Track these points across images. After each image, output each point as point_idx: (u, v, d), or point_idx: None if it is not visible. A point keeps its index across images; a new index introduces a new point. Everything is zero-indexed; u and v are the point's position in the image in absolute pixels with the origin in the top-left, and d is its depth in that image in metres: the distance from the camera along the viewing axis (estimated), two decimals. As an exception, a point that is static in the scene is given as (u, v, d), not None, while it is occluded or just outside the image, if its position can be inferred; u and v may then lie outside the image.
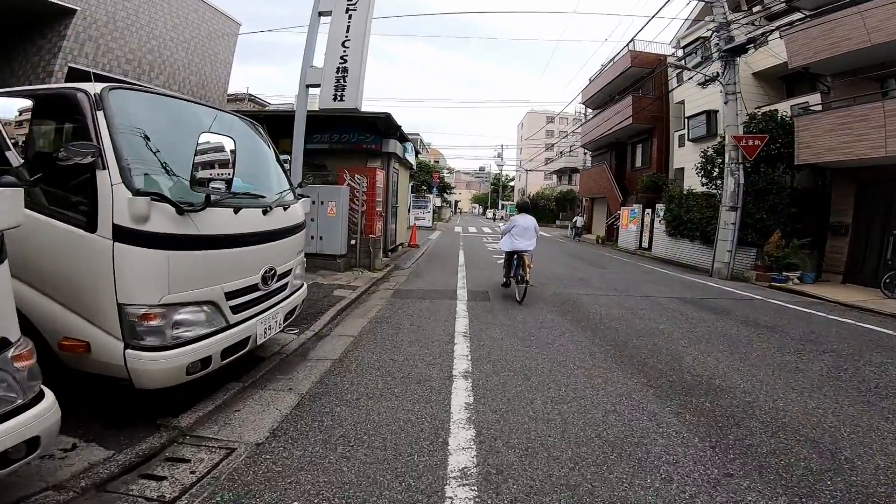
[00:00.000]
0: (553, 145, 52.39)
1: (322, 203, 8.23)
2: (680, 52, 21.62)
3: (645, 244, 17.73)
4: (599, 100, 28.03)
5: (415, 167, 14.14)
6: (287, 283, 3.50)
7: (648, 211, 17.54)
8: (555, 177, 56.12)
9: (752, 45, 11.39)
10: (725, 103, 11.54)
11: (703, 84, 12.68)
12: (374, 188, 8.90)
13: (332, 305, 5.74)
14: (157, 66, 7.81)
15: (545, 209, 45.43)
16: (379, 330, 4.99)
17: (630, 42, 22.55)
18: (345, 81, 7.31)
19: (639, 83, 21.88)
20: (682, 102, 19.16)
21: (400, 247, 12.97)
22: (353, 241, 8.62)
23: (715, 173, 13.32)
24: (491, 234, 24.07)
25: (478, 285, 7.93)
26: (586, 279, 9.47)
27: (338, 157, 10.19)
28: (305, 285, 4.09)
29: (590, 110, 36.06)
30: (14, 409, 1.61)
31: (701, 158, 13.63)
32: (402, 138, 11.54)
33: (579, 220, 25.94)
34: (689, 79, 14.29)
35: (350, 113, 8.10)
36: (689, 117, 17.38)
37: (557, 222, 42.17)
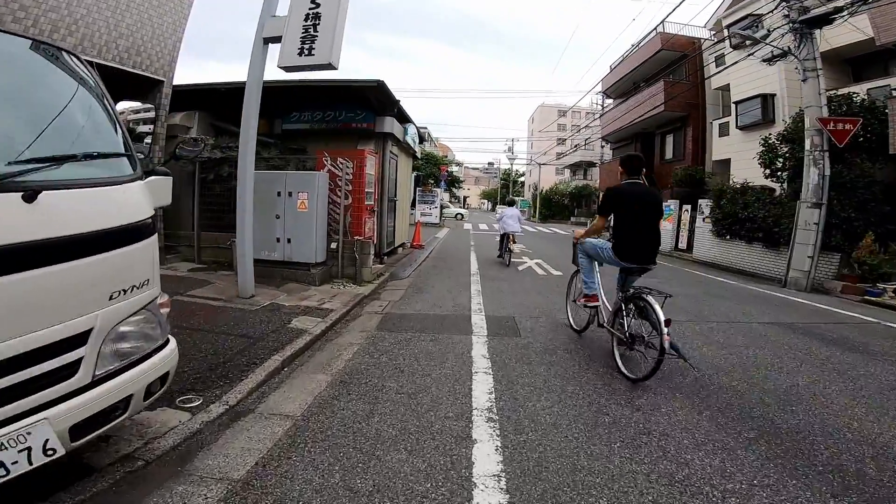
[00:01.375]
0: (565, 140, 50.06)
1: (290, 195, 6.20)
2: (714, 34, 19.36)
3: (682, 244, 15.52)
4: (622, 88, 25.75)
5: (419, 154, 12.07)
6: (78, 363, 1.47)
7: (687, 208, 15.31)
8: (567, 171, 53.81)
9: (836, 16, 9.14)
10: (804, 80, 9.28)
11: (771, 60, 10.52)
12: (362, 175, 6.87)
13: (279, 348, 3.70)
14: (65, 27, 5.86)
15: (558, 205, 43.12)
16: (342, 402, 2.93)
17: (660, 24, 20.34)
18: (315, 31, 5.24)
19: (670, 68, 19.61)
20: (726, 88, 16.86)
21: (400, 248, 10.95)
22: (333, 245, 6.59)
23: (778, 164, 11.11)
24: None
25: (500, 307, 5.85)
26: (637, 294, 7.35)
27: (321, 140, 8.20)
28: (172, 347, 2.03)
29: (609, 101, 33.95)
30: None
31: (761, 147, 11.42)
32: (402, 118, 9.50)
33: None
34: (749, 55, 12.05)
35: (323, 76, 6.09)
36: (738, 102, 15.06)
37: (573, 219, 39.80)
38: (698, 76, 18.86)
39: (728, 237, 12.29)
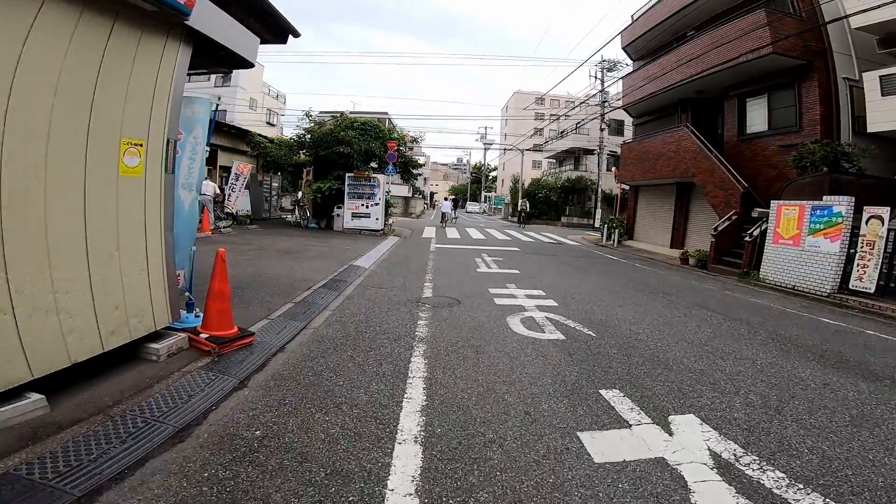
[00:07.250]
0: (542, 129, 42.62)
1: None
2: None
3: (858, 281, 7.86)
4: (655, 42, 18.04)
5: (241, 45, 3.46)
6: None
7: (881, 212, 7.63)
8: (545, 163, 46.51)
9: None
10: None
11: None
12: None
13: None
14: None
15: (545, 202, 35.00)
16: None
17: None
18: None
19: (750, 5, 12.04)
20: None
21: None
22: None
23: None
24: (498, 250, 13.72)
25: None
26: None
27: None
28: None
29: (611, 73, 26.79)
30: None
31: None
32: None
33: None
34: None
35: None
36: None
37: (564, 219, 31.98)
38: (818, 14, 11.33)
39: None
